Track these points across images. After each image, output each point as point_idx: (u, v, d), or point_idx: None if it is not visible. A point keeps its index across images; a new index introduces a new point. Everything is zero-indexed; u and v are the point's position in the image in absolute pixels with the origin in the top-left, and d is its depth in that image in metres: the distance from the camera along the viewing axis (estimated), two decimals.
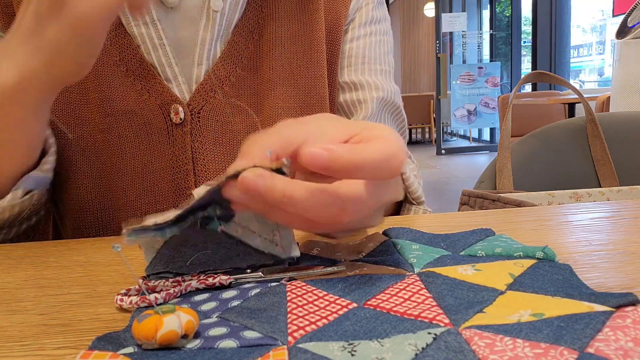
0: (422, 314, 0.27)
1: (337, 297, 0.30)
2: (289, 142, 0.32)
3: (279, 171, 0.30)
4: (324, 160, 0.29)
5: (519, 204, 0.69)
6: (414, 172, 0.64)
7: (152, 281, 0.34)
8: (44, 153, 0.52)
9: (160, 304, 0.30)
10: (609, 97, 3.06)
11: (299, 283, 0.33)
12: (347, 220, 0.31)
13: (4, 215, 0.49)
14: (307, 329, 0.26)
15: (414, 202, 0.59)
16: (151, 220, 0.31)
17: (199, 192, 0.32)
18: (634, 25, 2.44)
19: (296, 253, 0.36)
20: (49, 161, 0.51)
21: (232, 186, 0.30)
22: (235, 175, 0.29)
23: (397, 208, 0.62)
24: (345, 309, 0.28)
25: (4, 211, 0.48)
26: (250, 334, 0.26)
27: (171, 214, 0.32)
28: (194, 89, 0.58)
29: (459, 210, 0.82)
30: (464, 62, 8.05)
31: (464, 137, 8.80)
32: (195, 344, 0.25)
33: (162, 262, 0.34)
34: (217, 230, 0.34)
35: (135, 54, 0.56)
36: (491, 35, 7.70)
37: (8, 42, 0.43)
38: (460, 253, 0.37)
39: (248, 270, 0.35)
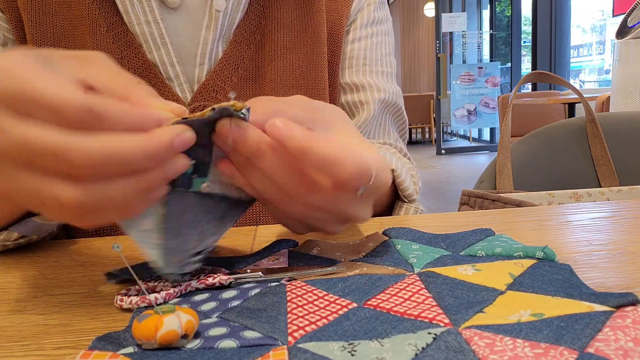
0: (422, 314, 0.27)
1: (337, 297, 0.30)
2: (289, 118, 0.32)
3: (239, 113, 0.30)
4: (280, 133, 0.30)
5: (519, 204, 0.69)
6: (411, 171, 0.64)
7: (152, 281, 0.34)
8: None
9: (160, 304, 0.30)
10: (609, 97, 3.06)
11: (299, 283, 0.33)
12: (309, 200, 0.32)
13: None
14: (307, 329, 0.26)
15: (406, 200, 0.59)
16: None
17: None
18: (634, 25, 2.44)
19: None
20: None
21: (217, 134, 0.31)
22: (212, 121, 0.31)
23: (390, 206, 0.62)
24: (345, 309, 0.28)
25: None
26: (250, 334, 0.26)
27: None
28: (196, 89, 0.58)
29: (459, 210, 0.82)
30: (464, 62, 8.04)
31: (464, 137, 8.79)
32: (195, 344, 0.25)
33: (170, 253, 0.33)
34: (201, 189, 0.33)
35: (137, 52, 0.56)
36: (491, 35, 7.70)
37: None
38: (460, 253, 0.37)
39: (248, 271, 0.35)
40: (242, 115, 0.31)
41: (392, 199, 0.61)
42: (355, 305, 0.29)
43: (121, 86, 0.30)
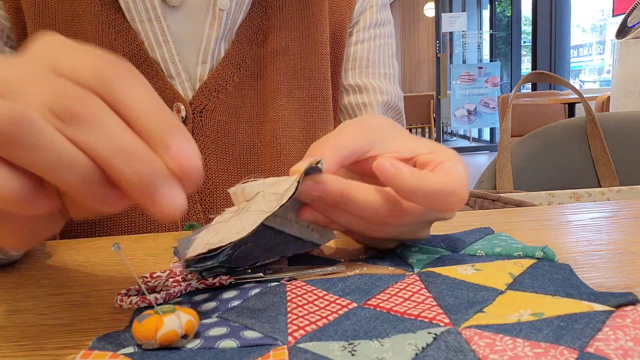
0: (422, 314, 0.27)
1: (337, 297, 0.30)
2: (353, 151, 0.34)
3: (314, 169, 0.31)
4: (389, 175, 0.31)
5: (519, 204, 0.69)
6: None
7: (152, 281, 0.34)
8: None
9: (161, 304, 0.30)
10: (609, 97, 3.06)
11: (299, 283, 0.33)
12: (396, 222, 0.33)
13: None
14: (307, 328, 0.26)
15: None
16: (203, 246, 0.31)
17: (236, 191, 0.33)
18: (634, 25, 2.44)
19: (332, 235, 0.37)
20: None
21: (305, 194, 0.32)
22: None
23: None
24: (345, 309, 0.28)
25: None
26: (250, 334, 0.26)
27: (224, 236, 0.31)
28: (197, 88, 0.58)
29: (459, 210, 0.82)
30: (464, 62, 8.04)
31: (464, 137, 8.79)
32: (195, 344, 0.25)
33: (191, 241, 0.33)
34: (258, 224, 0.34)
35: (139, 49, 0.56)
36: (491, 35, 7.70)
37: None
38: (460, 253, 0.37)
39: (248, 271, 0.35)
40: (319, 168, 0.31)
41: None
42: (355, 305, 0.29)
43: (160, 124, 0.24)
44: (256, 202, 0.32)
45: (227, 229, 0.32)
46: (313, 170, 0.31)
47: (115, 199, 0.24)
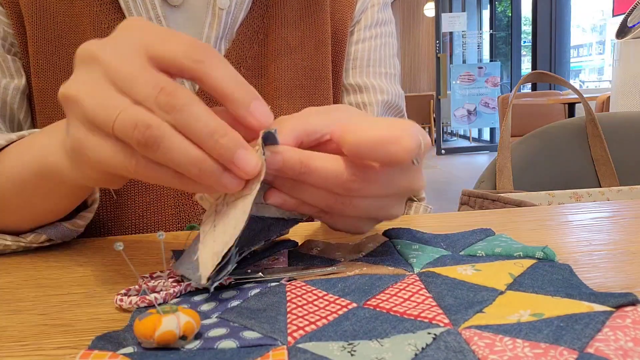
0: (422, 314, 0.27)
1: (336, 297, 0.30)
2: (312, 130, 0.34)
3: (269, 136, 0.31)
4: (336, 135, 0.32)
5: (519, 204, 0.69)
6: None
7: (152, 281, 0.34)
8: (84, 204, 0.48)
9: (161, 304, 0.30)
10: (609, 97, 3.06)
11: (298, 283, 0.33)
12: (361, 190, 0.33)
13: (16, 249, 0.46)
14: (307, 329, 0.26)
15: (415, 199, 0.60)
16: (212, 257, 0.31)
17: (202, 195, 0.32)
18: (634, 25, 2.44)
19: None
20: (86, 217, 0.47)
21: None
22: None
23: None
24: (344, 309, 0.28)
25: (18, 247, 0.45)
26: (249, 334, 0.26)
27: (224, 238, 0.31)
28: (198, 88, 0.58)
29: (459, 210, 0.82)
30: (464, 62, 8.04)
31: (464, 137, 8.79)
32: (195, 344, 0.25)
33: (196, 263, 0.33)
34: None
35: None
36: (491, 35, 7.70)
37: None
38: (460, 253, 0.37)
39: (248, 271, 0.35)
40: (272, 134, 0.31)
41: None
42: (355, 305, 0.29)
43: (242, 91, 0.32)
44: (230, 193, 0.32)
45: (221, 230, 0.32)
46: (269, 139, 0.31)
47: (226, 178, 0.30)
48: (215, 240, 0.31)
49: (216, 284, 0.31)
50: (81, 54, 0.32)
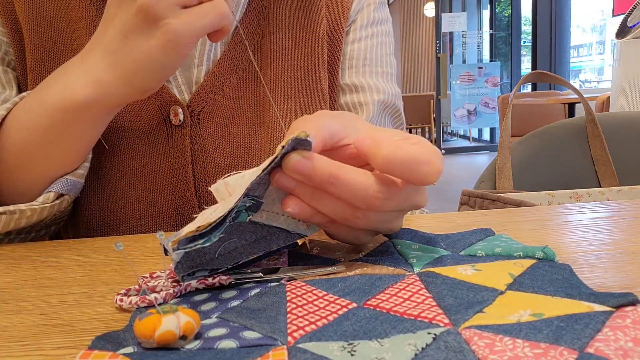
0: (422, 314, 0.27)
1: (336, 297, 0.30)
2: (332, 134, 0.35)
3: (303, 142, 0.31)
4: (367, 146, 0.33)
5: (519, 204, 0.69)
6: None
7: (152, 281, 0.34)
8: None
9: (160, 304, 0.30)
10: (609, 97, 3.06)
11: (298, 283, 0.33)
12: (382, 206, 0.33)
13: (31, 219, 0.49)
14: (307, 329, 0.26)
15: None
16: (191, 227, 0.31)
17: (219, 187, 0.33)
18: (634, 25, 2.44)
19: (316, 228, 0.37)
20: (84, 167, 0.51)
21: (281, 173, 0.32)
22: (275, 162, 0.31)
23: None
24: (344, 309, 0.28)
25: (32, 215, 0.48)
26: (249, 334, 0.26)
27: (211, 216, 0.31)
28: (194, 90, 0.57)
29: (459, 210, 0.82)
30: (464, 62, 8.05)
31: (464, 137, 8.79)
32: (194, 344, 0.25)
33: (190, 259, 0.33)
34: (245, 221, 0.34)
35: None
36: (491, 35, 7.70)
37: (83, 58, 0.45)
38: (460, 253, 0.37)
39: (248, 271, 0.35)
40: (308, 141, 0.31)
41: None
42: (355, 305, 0.29)
43: None
44: (240, 191, 0.32)
45: (216, 212, 0.32)
46: (301, 144, 0.31)
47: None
48: (204, 217, 0.32)
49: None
50: None
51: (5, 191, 0.49)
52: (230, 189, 0.34)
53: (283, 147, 0.31)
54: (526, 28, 7.15)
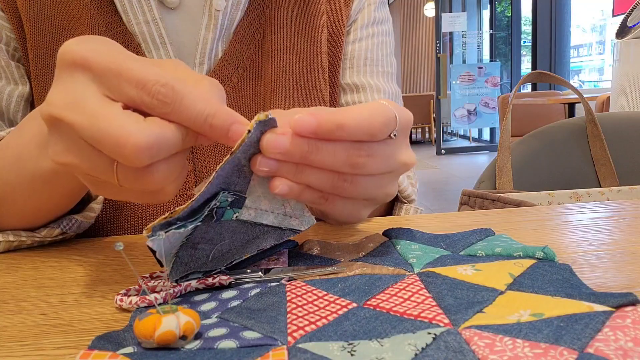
0: (422, 314, 0.27)
1: (336, 297, 0.30)
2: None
3: (268, 122, 0.32)
4: (311, 122, 0.32)
5: (519, 204, 0.69)
6: (408, 173, 0.64)
7: (152, 281, 0.34)
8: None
9: (160, 304, 0.30)
10: (609, 97, 3.06)
11: (298, 283, 0.33)
12: (366, 165, 0.34)
13: (31, 244, 0.47)
14: (307, 329, 0.26)
15: (405, 201, 0.60)
16: (167, 215, 0.31)
17: (200, 188, 0.32)
18: (634, 25, 2.44)
19: (312, 220, 0.36)
20: (95, 209, 0.49)
21: (260, 157, 0.32)
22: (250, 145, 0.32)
23: (389, 208, 0.62)
24: (345, 309, 0.28)
25: (33, 242, 0.47)
26: (249, 334, 0.26)
27: (187, 205, 0.31)
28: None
29: (459, 210, 0.82)
30: (464, 62, 8.04)
31: (464, 137, 8.80)
32: (195, 344, 0.25)
33: (183, 264, 0.34)
34: (232, 219, 0.34)
35: (136, 52, 0.56)
36: (491, 35, 7.70)
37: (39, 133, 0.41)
38: (460, 253, 0.37)
39: (248, 271, 0.35)
40: (272, 119, 0.31)
41: (392, 201, 0.62)
42: (355, 305, 0.29)
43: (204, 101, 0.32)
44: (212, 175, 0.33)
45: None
46: (267, 125, 0.31)
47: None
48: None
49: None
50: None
51: (5, 215, 0.47)
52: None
53: (249, 131, 0.31)
54: (526, 28, 7.15)
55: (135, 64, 0.31)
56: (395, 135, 0.35)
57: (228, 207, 0.33)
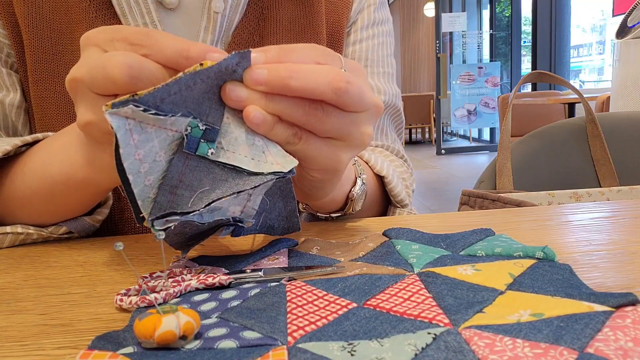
0: (422, 314, 0.27)
1: (336, 297, 0.30)
2: None
3: (243, 54, 0.33)
4: (258, 71, 0.33)
5: (519, 204, 0.69)
6: (403, 175, 0.64)
7: (152, 281, 0.34)
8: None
9: (160, 304, 0.30)
10: (609, 97, 3.06)
11: (298, 283, 0.33)
12: (347, 89, 0.34)
13: (37, 240, 0.48)
14: (307, 329, 0.26)
15: (398, 205, 0.60)
16: (128, 95, 0.31)
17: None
18: (634, 25, 2.44)
19: (293, 161, 0.35)
20: (103, 213, 0.51)
21: (230, 84, 0.33)
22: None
23: (384, 212, 0.62)
24: (344, 309, 0.28)
25: (38, 237, 0.48)
26: (249, 334, 0.26)
27: (151, 89, 0.31)
28: None
29: (459, 210, 0.82)
30: (464, 62, 8.05)
31: (464, 137, 8.80)
32: (194, 344, 0.25)
33: (162, 210, 0.33)
34: (207, 154, 0.33)
35: None
36: (491, 35, 7.70)
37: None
38: (460, 253, 0.37)
39: (248, 271, 0.35)
40: (248, 50, 0.33)
41: (385, 205, 0.62)
42: (355, 305, 0.29)
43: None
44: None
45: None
46: (243, 57, 0.32)
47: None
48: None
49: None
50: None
51: (22, 217, 0.48)
52: None
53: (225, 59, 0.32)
54: (526, 28, 7.15)
55: (127, 27, 0.35)
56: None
57: (202, 140, 0.33)
